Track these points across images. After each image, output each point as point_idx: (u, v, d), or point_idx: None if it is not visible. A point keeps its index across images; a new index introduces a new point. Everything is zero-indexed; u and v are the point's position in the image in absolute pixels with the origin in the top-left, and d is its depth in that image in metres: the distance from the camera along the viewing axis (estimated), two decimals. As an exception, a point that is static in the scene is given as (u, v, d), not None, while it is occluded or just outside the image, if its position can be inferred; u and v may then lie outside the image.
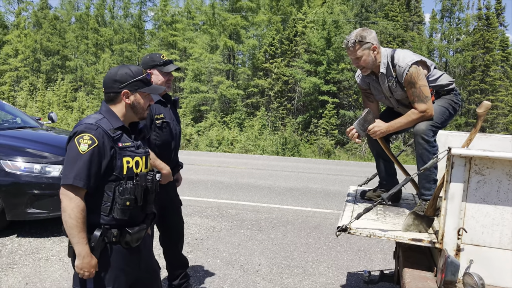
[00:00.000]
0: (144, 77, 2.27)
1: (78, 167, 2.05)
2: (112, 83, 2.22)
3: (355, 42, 3.02)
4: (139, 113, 2.30)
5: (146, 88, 2.28)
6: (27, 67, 33.08)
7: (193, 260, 4.74)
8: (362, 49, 3.03)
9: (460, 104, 3.22)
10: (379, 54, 3.08)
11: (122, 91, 2.22)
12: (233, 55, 31.96)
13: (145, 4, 35.92)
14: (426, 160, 2.92)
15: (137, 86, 2.24)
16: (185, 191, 8.44)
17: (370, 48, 3.03)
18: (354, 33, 3.07)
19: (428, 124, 2.99)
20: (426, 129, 2.97)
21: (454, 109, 3.13)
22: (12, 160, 5.10)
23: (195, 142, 23.34)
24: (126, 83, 2.22)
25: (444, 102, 3.10)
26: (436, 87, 3.12)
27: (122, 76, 2.22)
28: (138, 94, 2.26)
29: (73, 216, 2.03)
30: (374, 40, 3.05)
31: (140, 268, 2.35)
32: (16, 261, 4.48)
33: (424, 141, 2.98)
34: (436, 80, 3.11)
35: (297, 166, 13.92)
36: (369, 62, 3.06)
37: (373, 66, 3.10)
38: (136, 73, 2.25)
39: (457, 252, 2.30)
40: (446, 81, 3.12)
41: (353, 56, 3.07)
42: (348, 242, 5.61)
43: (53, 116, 7.39)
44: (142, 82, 2.26)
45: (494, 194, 2.26)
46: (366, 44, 3.02)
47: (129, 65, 2.28)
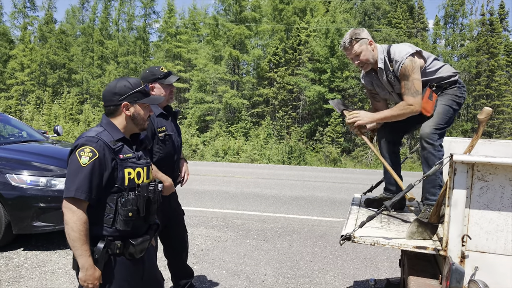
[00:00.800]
0: (142, 88, 2.29)
1: (79, 179, 2.06)
2: (112, 96, 2.24)
3: (352, 39, 3.09)
4: (139, 124, 2.31)
5: (145, 99, 2.31)
6: (33, 81, 33.38)
7: (199, 271, 4.73)
8: (360, 45, 3.10)
9: (465, 96, 3.16)
10: (376, 50, 3.14)
11: (122, 103, 2.23)
12: (238, 65, 32.10)
13: (149, 16, 36.23)
14: (432, 164, 2.91)
15: (136, 98, 2.26)
16: (191, 202, 8.45)
17: (367, 43, 3.10)
18: (348, 33, 3.15)
19: (432, 127, 2.99)
20: (430, 132, 2.98)
21: (458, 103, 3.10)
22: (18, 174, 5.14)
23: (201, 152, 23.39)
24: (126, 95, 2.24)
25: (447, 100, 3.07)
26: (436, 80, 3.09)
27: (121, 88, 2.24)
28: (138, 106, 2.28)
29: (75, 228, 2.04)
30: (368, 36, 3.13)
31: (143, 280, 2.35)
32: (23, 275, 4.49)
33: (429, 145, 2.99)
34: (435, 72, 3.08)
35: (303, 174, 13.90)
36: (369, 56, 3.11)
37: (373, 61, 3.14)
38: (135, 84, 2.27)
39: (461, 259, 2.28)
40: (448, 73, 3.09)
41: (353, 54, 3.13)
42: (354, 250, 5.57)
43: (58, 129, 7.44)
44: (141, 94, 2.28)
45: (497, 200, 2.24)
46: (362, 40, 3.10)
47: (127, 78, 2.30)
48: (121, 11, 36.46)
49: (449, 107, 3.05)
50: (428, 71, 3.07)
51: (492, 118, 28.41)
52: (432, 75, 3.09)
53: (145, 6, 35.60)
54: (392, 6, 31.42)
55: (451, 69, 3.12)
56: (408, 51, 2.99)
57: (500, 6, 32.03)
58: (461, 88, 3.13)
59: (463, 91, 3.13)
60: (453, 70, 3.12)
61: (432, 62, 3.10)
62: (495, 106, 28.48)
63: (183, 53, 32.69)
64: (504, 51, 30.37)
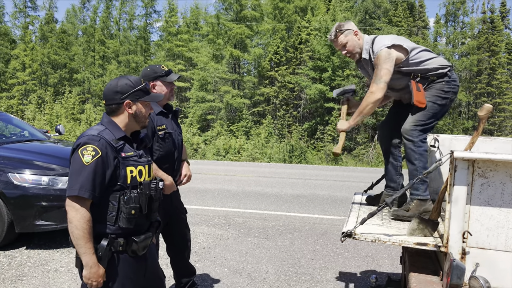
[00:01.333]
0: (143, 86, 2.30)
1: (82, 178, 2.07)
2: (114, 95, 2.25)
3: (336, 32, 3.21)
4: (141, 122, 2.33)
5: (147, 97, 2.32)
6: (35, 81, 33.41)
7: (201, 269, 4.75)
8: (345, 36, 3.20)
9: (455, 91, 3.10)
10: (362, 40, 3.21)
11: (124, 102, 2.25)
12: (239, 64, 32.09)
13: (150, 16, 36.22)
14: (412, 160, 3.01)
15: (138, 96, 2.27)
16: (192, 200, 8.46)
17: (352, 33, 3.19)
18: (334, 26, 3.26)
19: (411, 124, 3.03)
20: (409, 129, 3.03)
21: (444, 98, 3.06)
22: (20, 173, 5.16)
23: (202, 151, 23.39)
24: (128, 93, 2.25)
25: (431, 95, 3.05)
26: (421, 71, 3.08)
27: (123, 87, 2.25)
28: (139, 104, 2.29)
29: (79, 227, 2.05)
30: (353, 27, 3.22)
31: (145, 276, 2.37)
32: (25, 273, 4.51)
33: (408, 141, 3.04)
34: (420, 64, 3.07)
35: (304, 173, 13.91)
36: (355, 45, 3.20)
37: (360, 50, 3.21)
38: (136, 83, 2.28)
39: (462, 255, 2.29)
40: (435, 65, 3.07)
41: (340, 45, 3.24)
42: (355, 248, 5.59)
43: (60, 128, 7.46)
44: (143, 92, 2.30)
45: (498, 197, 2.25)
46: (347, 31, 3.20)
47: (127, 76, 2.31)
48: (122, 11, 36.47)
49: (432, 103, 3.03)
50: (411, 62, 3.07)
51: (493, 116, 28.40)
52: (416, 66, 3.08)
53: (146, 6, 35.60)
54: (393, 5, 31.38)
55: (441, 62, 3.09)
56: (384, 43, 3.03)
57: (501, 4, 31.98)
58: (450, 82, 3.08)
59: (452, 86, 3.08)
60: (443, 63, 3.09)
61: (418, 54, 3.09)
62: (496, 104, 28.45)
63: (184, 52, 32.69)
64: (505, 49, 30.33)
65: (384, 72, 2.96)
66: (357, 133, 27.66)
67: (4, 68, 34.37)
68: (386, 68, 2.97)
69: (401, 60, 3.04)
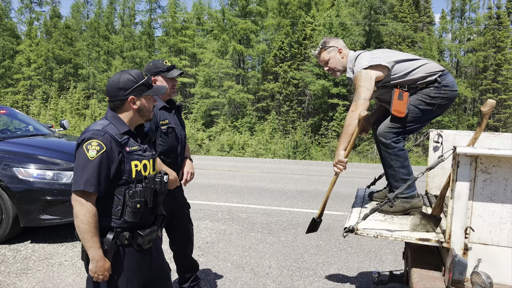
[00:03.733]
0: (146, 81, 2.30)
1: (88, 173, 2.09)
2: (117, 91, 2.26)
3: (320, 48, 3.25)
4: (145, 115, 2.35)
5: (150, 90, 2.33)
6: (40, 76, 33.52)
7: (204, 263, 4.77)
8: (327, 52, 3.23)
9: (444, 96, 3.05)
10: (346, 58, 3.22)
11: (128, 98, 2.26)
12: (243, 60, 32.06)
13: (154, 11, 36.21)
14: (388, 161, 3.06)
15: (141, 91, 2.28)
16: (196, 195, 8.49)
17: (336, 51, 3.21)
18: (320, 42, 3.28)
19: (386, 126, 3.05)
20: (383, 132, 3.06)
21: (429, 104, 3.04)
22: (25, 167, 5.19)
23: (206, 147, 23.41)
24: (131, 89, 2.25)
25: (414, 100, 3.04)
26: (408, 82, 3.06)
27: (125, 83, 2.25)
28: (143, 98, 2.30)
29: (85, 221, 2.07)
30: (338, 44, 3.23)
31: (151, 270, 2.39)
32: (30, 267, 4.55)
33: (382, 144, 3.08)
34: (405, 75, 3.06)
35: (308, 169, 13.90)
36: (337, 64, 3.23)
37: (342, 68, 3.24)
38: (139, 77, 2.28)
39: (464, 251, 2.29)
40: (422, 74, 3.04)
41: (322, 62, 3.27)
42: (358, 243, 5.59)
43: (65, 123, 7.49)
44: (145, 86, 2.30)
45: (501, 193, 2.25)
46: (330, 48, 3.22)
47: (129, 71, 2.31)
48: (126, 6, 36.48)
49: (414, 107, 3.02)
50: (395, 75, 3.06)
51: (498, 112, 28.25)
52: (401, 79, 3.06)
53: (150, 1, 35.58)
54: (398, 0, 31.21)
55: (428, 69, 3.06)
56: (362, 64, 3.03)
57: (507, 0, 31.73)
58: (439, 88, 3.04)
59: (440, 91, 3.04)
60: (431, 70, 3.05)
61: (402, 65, 3.06)
62: (501, 100, 28.30)
63: (189, 47, 32.67)
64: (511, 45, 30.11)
65: (362, 90, 2.95)
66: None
67: (10, 63, 34.49)
68: (365, 86, 2.96)
69: (382, 77, 3.04)
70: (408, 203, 3.02)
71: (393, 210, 3.00)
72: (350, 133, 2.96)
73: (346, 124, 3.00)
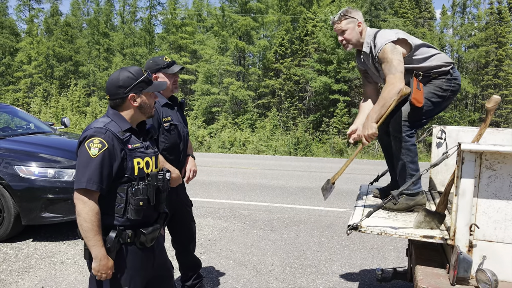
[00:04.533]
0: (146, 77, 2.28)
1: (90, 171, 2.08)
2: (117, 90, 2.24)
3: (341, 15, 3.16)
4: (147, 112, 2.33)
5: (150, 87, 2.30)
6: (41, 74, 33.48)
7: (206, 261, 4.76)
8: (347, 23, 3.15)
9: (454, 89, 3.05)
10: (364, 33, 3.16)
11: (128, 96, 2.24)
12: (244, 56, 31.99)
13: (154, 8, 36.12)
14: (399, 155, 3.03)
15: (141, 88, 2.26)
16: (198, 193, 8.48)
17: (355, 24, 3.14)
18: (342, 9, 3.22)
19: (401, 119, 3.01)
20: (397, 125, 3.02)
21: (441, 96, 3.03)
22: (26, 165, 5.18)
23: (208, 144, 23.39)
24: (131, 86, 2.23)
25: (427, 92, 3.02)
26: (423, 69, 3.04)
27: (125, 80, 2.23)
28: (143, 95, 2.28)
29: (88, 219, 2.06)
30: (359, 17, 3.16)
31: (154, 268, 2.38)
32: (32, 265, 4.54)
33: (395, 138, 3.05)
34: (423, 60, 3.03)
35: (309, 165, 13.89)
36: (353, 36, 3.15)
37: (356, 42, 3.17)
38: (138, 74, 2.26)
39: (469, 248, 2.28)
40: (438, 63, 3.03)
41: (338, 30, 3.19)
42: (361, 240, 5.58)
43: (65, 121, 7.47)
44: (145, 83, 2.28)
45: (506, 189, 2.23)
46: (350, 19, 3.15)
47: (128, 68, 2.29)
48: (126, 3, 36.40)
49: (426, 100, 3.00)
50: (414, 58, 3.03)
51: (500, 108, 28.16)
52: (419, 63, 3.04)
53: (150, -2, 35.51)
54: (399, -4, 31.10)
55: (444, 59, 3.05)
56: (388, 38, 2.97)
57: (509, -5, 31.59)
58: (451, 80, 3.04)
59: (452, 84, 3.04)
60: (446, 60, 3.05)
61: (421, 49, 3.04)
62: (503, 95, 28.19)
63: (189, 44, 32.62)
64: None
65: (397, 63, 2.89)
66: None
67: (10, 61, 34.45)
68: (398, 59, 2.90)
69: (404, 55, 2.99)
70: (412, 200, 3.01)
71: (396, 207, 2.98)
72: (387, 107, 2.90)
73: (383, 96, 2.90)
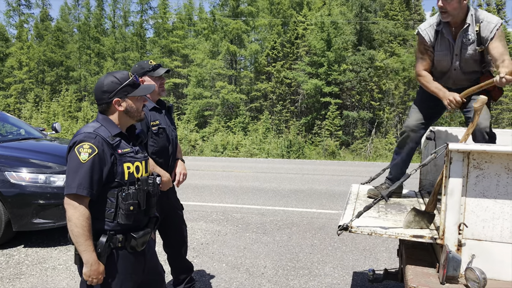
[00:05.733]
0: (131, 81, 2.27)
1: (80, 176, 2.08)
2: (102, 95, 2.24)
3: None
4: (134, 116, 2.32)
5: (136, 91, 2.29)
6: (32, 79, 33.28)
7: (199, 264, 4.76)
8: None
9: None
10: (465, 8, 3.09)
11: (113, 100, 2.24)
12: (235, 60, 32.01)
13: (146, 12, 36.07)
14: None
15: (126, 92, 2.26)
16: (190, 197, 8.47)
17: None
18: None
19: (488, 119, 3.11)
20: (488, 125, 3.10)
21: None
22: (17, 171, 5.15)
23: (200, 147, 23.34)
24: (115, 91, 2.23)
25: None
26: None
27: (109, 85, 2.23)
28: (129, 100, 2.28)
29: (78, 224, 2.06)
30: None
31: (145, 272, 2.38)
32: (23, 271, 4.51)
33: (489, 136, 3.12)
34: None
35: (301, 168, 13.91)
36: (456, 8, 3.04)
37: (457, 14, 3.07)
38: (122, 79, 2.25)
39: (458, 247, 2.30)
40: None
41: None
42: (353, 242, 5.60)
43: (56, 126, 7.43)
44: (130, 87, 2.27)
45: (493, 188, 2.26)
46: None
47: (114, 72, 2.28)
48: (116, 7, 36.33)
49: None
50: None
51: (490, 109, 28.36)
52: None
53: (141, 2, 35.43)
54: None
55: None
56: (496, 19, 3.03)
57: (497, -3, 31.92)
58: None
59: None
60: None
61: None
62: (492, 96, 28.39)
63: (180, 48, 32.59)
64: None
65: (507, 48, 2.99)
66: (354, 127, 27.67)
67: (1, 67, 34.21)
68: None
69: None
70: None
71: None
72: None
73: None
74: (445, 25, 3.17)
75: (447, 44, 3.19)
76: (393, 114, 28.02)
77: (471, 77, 3.23)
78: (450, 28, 3.16)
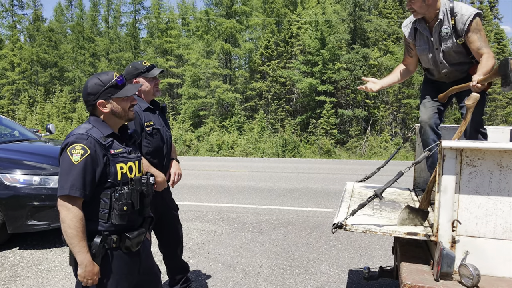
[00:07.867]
0: (113, 83, 2.25)
1: (73, 177, 2.08)
2: (87, 97, 2.25)
3: None
4: (122, 116, 2.31)
5: (119, 92, 2.27)
6: (25, 80, 33.09)
7: (195, 264, 4.76)
8: None
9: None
10: (439, 2, 3.11)
11: (97, 102, 2.23)
12: (230, 59, 32.00)
13: (139, 12, 35.96)
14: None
15: (110, 93, 2.25)
16: (186, 197, 8.46)
17: None
18: None
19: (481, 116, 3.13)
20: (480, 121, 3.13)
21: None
22: (11, 173, 5.13)
23: (195, 147, 23.32)
24: (98, 93, 2.23)
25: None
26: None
27: (92, 87, 2.23)
28: (113, 101, 2.27)
29: (72, 226, 2.06)
30: None
31: (140, 272, 2.38)
32: (19, 274, 4.50)
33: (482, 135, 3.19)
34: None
35: (297, 167, 13.93)
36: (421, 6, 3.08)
37: (427, 10, 3.10)
38: (106, 81, 2.24)
39: (452, 244, 2.31)
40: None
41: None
42: (348, 240, 5.62)
43: (51, 127, 7.40)
44: (114, 88, 2.25)
45: (486, 185, 2.27)
46: None
47: (99, 74, 2.28)
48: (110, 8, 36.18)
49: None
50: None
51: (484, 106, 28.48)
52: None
53: (133, 2, 35.32)
54: (382, -3, 31.37)
55: None
56: (473, 10, 3.02)
57: (489, -6, 32.06)
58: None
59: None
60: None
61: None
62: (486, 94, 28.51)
63: (174, 48, 32.53)
64: (494, 39, 30.40)
65: (486, 39, 2.98)
66: (349, 125, 27.73)
67: (-8, 68, 34.00)
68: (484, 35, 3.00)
69: None
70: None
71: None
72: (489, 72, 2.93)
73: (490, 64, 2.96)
74: (420, 21, 3.23)
75: (425, 39, 3.25)
76: (387, 112, 28.11)
77: (461, 69, 3.24)
78: (426, 24, 3.22)
